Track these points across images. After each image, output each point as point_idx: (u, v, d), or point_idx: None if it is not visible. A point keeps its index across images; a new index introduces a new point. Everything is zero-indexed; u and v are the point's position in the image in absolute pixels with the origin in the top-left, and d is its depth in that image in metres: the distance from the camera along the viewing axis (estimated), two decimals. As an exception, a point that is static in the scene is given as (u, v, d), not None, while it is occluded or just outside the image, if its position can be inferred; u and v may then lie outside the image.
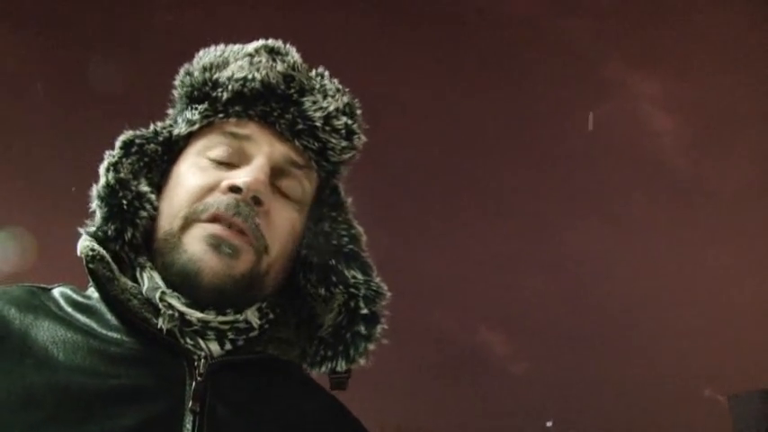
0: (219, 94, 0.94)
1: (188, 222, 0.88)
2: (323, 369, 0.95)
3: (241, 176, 0.88)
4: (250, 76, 0.94)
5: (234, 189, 0.87)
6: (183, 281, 0.85)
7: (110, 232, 0.88)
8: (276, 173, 0.93)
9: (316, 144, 0.96)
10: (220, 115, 0.94)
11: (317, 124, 0.96)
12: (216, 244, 0.85)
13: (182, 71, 1.01)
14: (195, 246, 0.86)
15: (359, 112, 1.04)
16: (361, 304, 0.94)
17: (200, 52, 1.01)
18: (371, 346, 0.95)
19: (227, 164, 0.92)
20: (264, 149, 0.92)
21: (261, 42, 1.01)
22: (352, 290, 0.95)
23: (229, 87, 0.94)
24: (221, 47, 1.01)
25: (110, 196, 0.90)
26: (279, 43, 1.02)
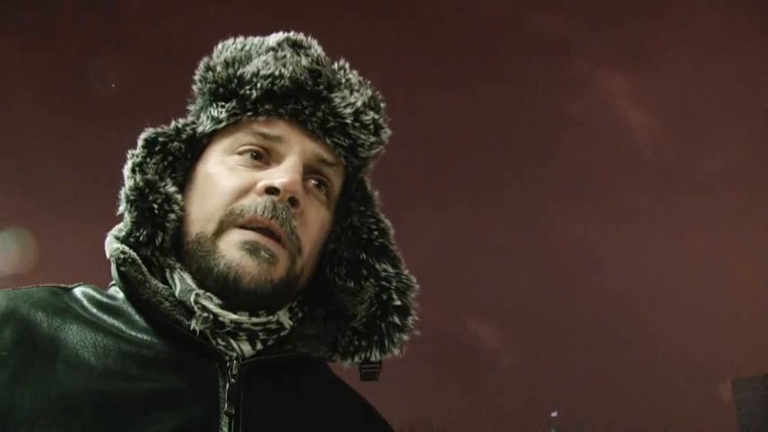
0: (248, 92, 0.92)
1: (223, 227, 0.86)
2: (356, 359, 0.94)
3: (276, 177, 0.86)
4: (278, 73, 0.91)
5: (271, 190, 0.86)
6: (221, 286, 0.84)
7: (141, 238, 0.86)
8: (307, 171, 0.91)
9: (346, 141, 0.94)
10: (249, 113, 0.92)
11: (348, 121, 0.94)
12: (253, 249, 0.84)
13: (201, 65, 0.98)
14: (233, 252, 0.84)
15: (383, 105, 1.02)
16: (394, 296, 0.94)
17: (219, 45, 0.98)
18: (405, 337, 0.94)
19: (258, 163, 0.90)
20: (296, 149, 0.90)
21: (282, 35, 0.98)
22: (384, 283, 0.95)
23: (258, 85, 0.91)
24: (240, 39, 0.98)
25: (139, 200, 0.87)
26: (301, 36, 0.99)
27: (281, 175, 0.87)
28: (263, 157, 0.91)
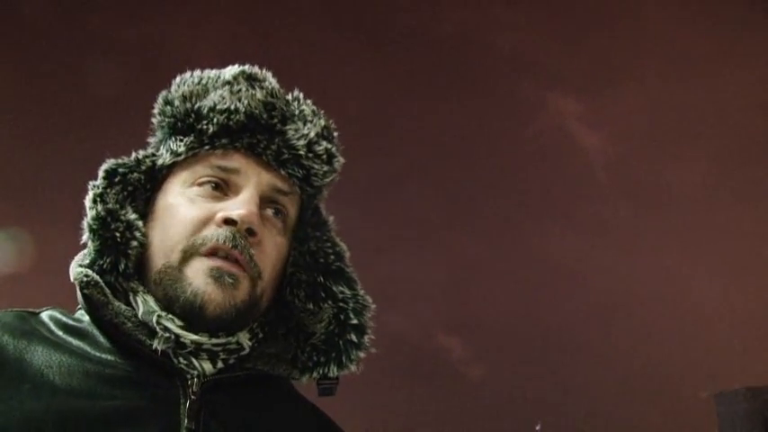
0: (205, 127, 0.95)
1: (187, 256, 0.89)
2: (314, 375, 0.98)
3: (234, 209, 0.90)
4: (233, 108, 0.95)
5: (229, 221, 0.90)
6: (187, 312, 0.87)
7: (105, 265, 0.89)
8: (264, 201, 0.95)
9: (300, 171, 0.99)
10: (206, 147, 0.95)
11: (301, 152, 0.98)
12: (218, 276, 0.87)
13: (160, 100, 1.01)
14: (199, 279, 0.87)
15: (336, 134, 1.06)
16: (351, 315, 0.99)
17: (177, 79, 1.02)
18: (361, 354, 0.99)
19: (216, 194, 0.94)
20: (253, 180, 0.94)
21: (238, 69, 1.03)
22: (341, 304, 1.00)
23: (215, 120, 0.95)
24: (197, 73, 1.02)
25: (101, 228, 0.91)
26: (256, 69, 1.04)
27: (239, 206, 0.91)
28: (221, 188, 0.95)
